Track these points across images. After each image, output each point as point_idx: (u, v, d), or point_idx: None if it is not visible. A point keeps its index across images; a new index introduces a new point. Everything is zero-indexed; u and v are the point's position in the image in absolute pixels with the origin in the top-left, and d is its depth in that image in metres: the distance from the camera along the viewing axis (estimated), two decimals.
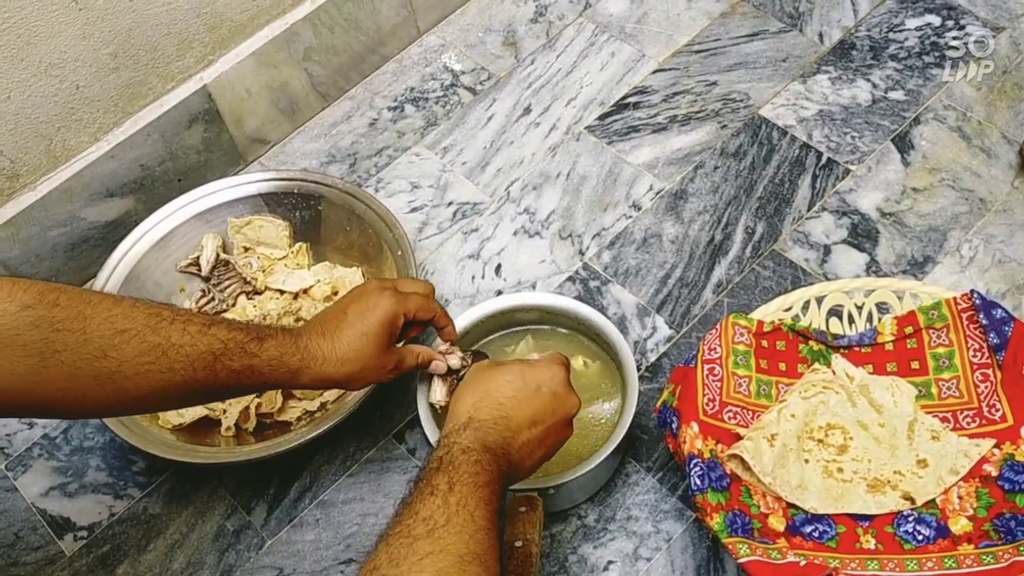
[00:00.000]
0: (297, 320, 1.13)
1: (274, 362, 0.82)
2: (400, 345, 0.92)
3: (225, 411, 1.07)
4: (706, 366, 0.96)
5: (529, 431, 0.80)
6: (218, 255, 1.17)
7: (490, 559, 0.68)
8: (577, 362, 1.03)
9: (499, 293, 1.16)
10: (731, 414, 0.95)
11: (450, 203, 1.24)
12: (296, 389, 1.06)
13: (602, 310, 1.09)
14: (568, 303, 1.03)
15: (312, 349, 0.84)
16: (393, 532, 0.68)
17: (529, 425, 0.80)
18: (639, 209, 1.20)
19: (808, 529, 0.90)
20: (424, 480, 0.72)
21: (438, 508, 0.69)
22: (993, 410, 0.94)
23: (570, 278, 1.16)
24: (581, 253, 1.18)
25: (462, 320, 1.02)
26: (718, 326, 0.98)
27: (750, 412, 0.96)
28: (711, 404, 0.94)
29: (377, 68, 1.38)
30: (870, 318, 1.02)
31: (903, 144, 1.21)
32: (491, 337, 1.06)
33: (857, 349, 1.00)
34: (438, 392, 0.95)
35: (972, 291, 0.97)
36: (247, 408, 1.06)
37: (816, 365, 1.00)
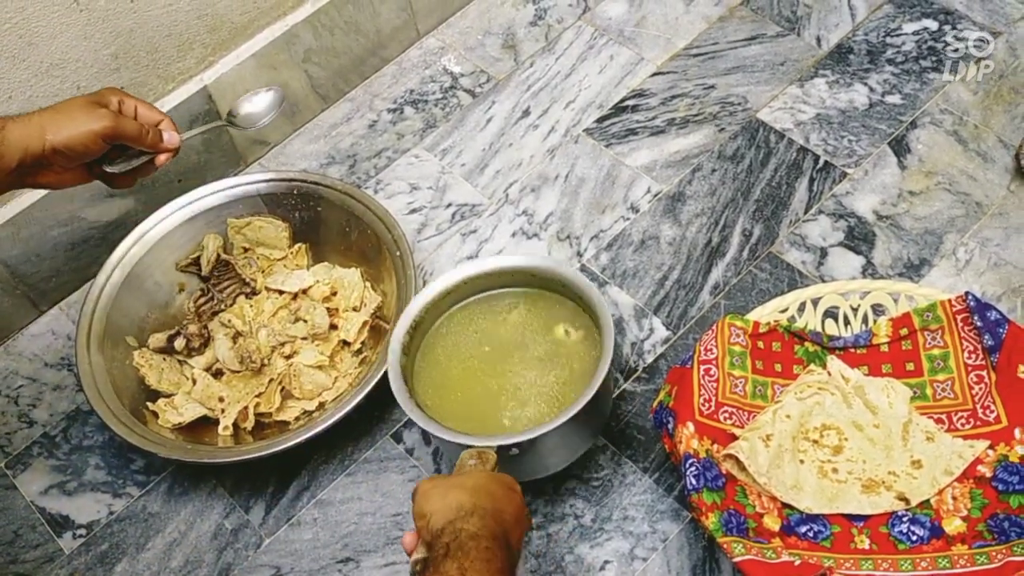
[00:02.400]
0: (296, 320, 1.13)
1: None
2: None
3: (224, 410, 1.07)
4: (702, 367, 0.96)
5: (518, 527, 0.77)
6: (218, 255, 1.17)
7: None
8: (559, 330, 1.02)
9: None
10: (727, 414, 0.96)
11: (449, 204, 1.25)
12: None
13: None
14: (549, 264, 1.01)
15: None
16: None
17: (515, 522, 0.77)
18: (637, 211, 1.21)
19: (803, 529, 0.91)
20: (432, 567, 0.69)
21: None
22: (987, 411, 0.94)
23: None
24: (579, 255, 1.18)
25: (444, 281, 1.01)
26: (714, 327, 0.99)
27: (746, 413, 0.97)
28: (707, 404, 0.95)
29: (377, 70, 1.38)
30: (865, 320, 1.02)
31: (900, 148, 1.22)
32: (478, 296, 1.04)
33: (852, 350, 1.01)
34: None
35: (967, 293, 0.97)
36: (246, 408, 1.07)
37: (812, 366, 1.00)
